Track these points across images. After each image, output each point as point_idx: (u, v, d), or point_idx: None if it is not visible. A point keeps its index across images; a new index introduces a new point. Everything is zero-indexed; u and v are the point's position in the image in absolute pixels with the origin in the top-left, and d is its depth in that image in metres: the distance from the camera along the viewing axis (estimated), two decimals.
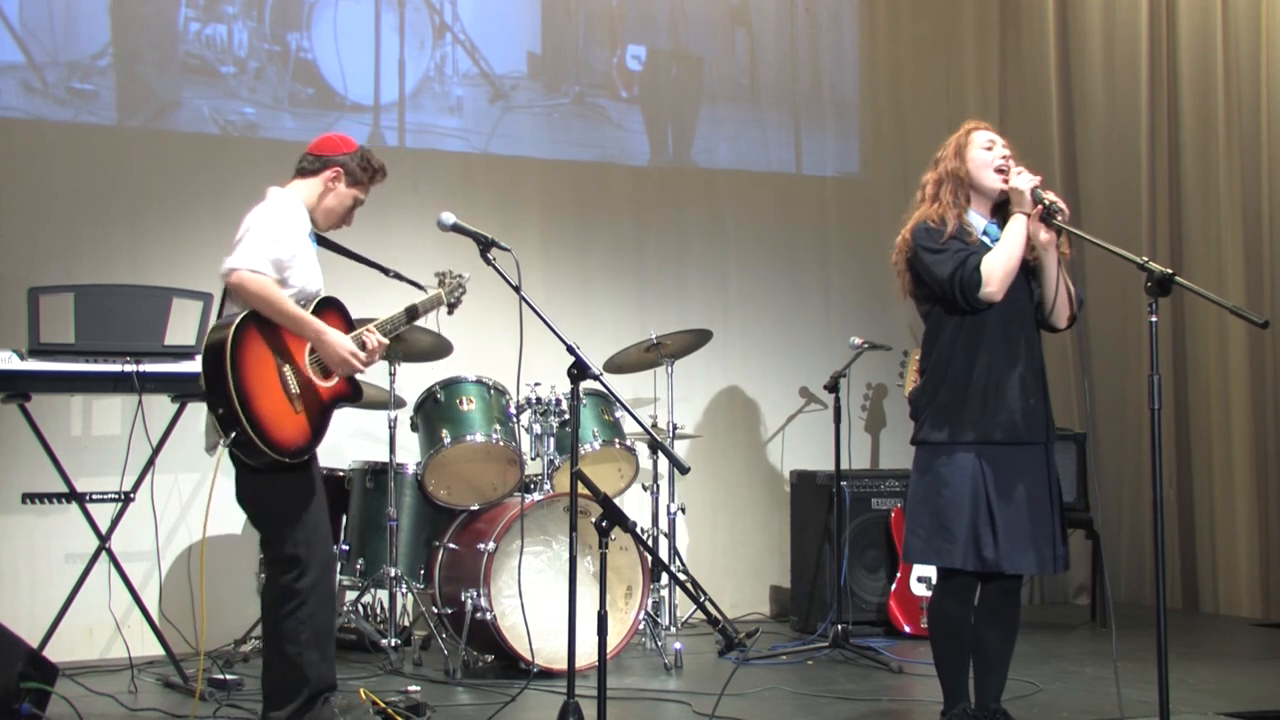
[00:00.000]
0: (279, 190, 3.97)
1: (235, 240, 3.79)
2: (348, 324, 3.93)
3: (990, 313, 3.77)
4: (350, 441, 5.99)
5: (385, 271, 4.26)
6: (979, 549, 3.72)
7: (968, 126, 3.93)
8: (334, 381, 3.87)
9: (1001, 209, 3.86)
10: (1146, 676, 3.85)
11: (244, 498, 3.84)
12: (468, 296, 4.57)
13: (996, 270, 3.72)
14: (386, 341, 3.98)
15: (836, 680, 5.05)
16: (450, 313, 4.36)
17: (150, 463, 4.96)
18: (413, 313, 4.17)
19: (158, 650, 5.02)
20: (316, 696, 3.78)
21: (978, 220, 3.87)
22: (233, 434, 3.59)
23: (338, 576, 5.38)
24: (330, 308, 3.92)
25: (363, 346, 3.89)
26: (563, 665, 3.94)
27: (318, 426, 3.80)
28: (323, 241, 4.10)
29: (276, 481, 3.75)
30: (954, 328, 3.82)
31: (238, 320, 3.69)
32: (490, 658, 5.16)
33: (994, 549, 3.71)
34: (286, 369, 3.74)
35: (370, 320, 4.06)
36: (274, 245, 3.76)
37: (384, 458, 5.35)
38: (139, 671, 4.92)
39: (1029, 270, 3.83)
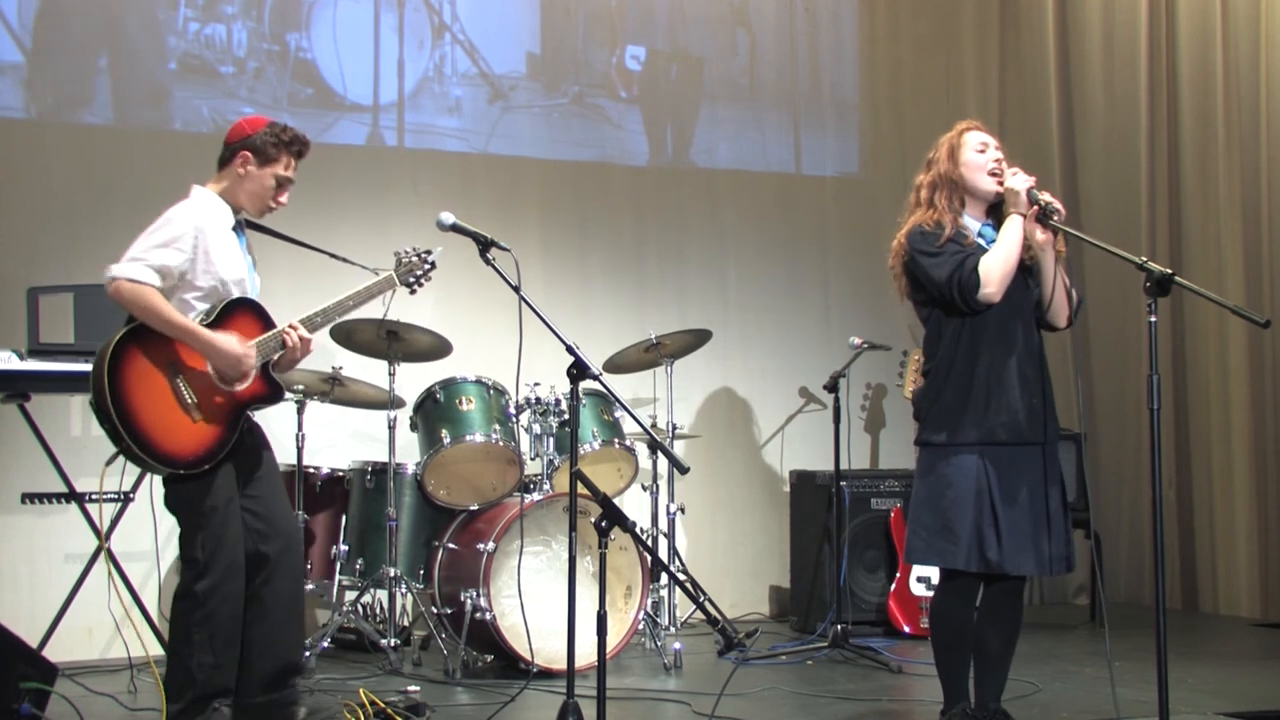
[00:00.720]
0: (199, 188, 3.90)
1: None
2: (264, 323, 3.86)
3: (990, 313, 3.77)
4: (350, 441, 6.00)
5: (333, 256, 4.16)
6: (983, 550, 3.72)
7: (960, 127, 3.92)
8: (245, 385, 3.80)
9: (996, 210, 3.86)
10: (1146, 676, 3.85)
11: (165, 498, 3.84)
12: (468, 295, 4.55)
13: (994, 271, 3.72)
14: (311, 336, 3.89)
15: (836, 680, 5.05)
16: (412, 292, 4.22)
17: None
18: (349, 303, 4.00)
19: (157, 650, 5.01)
20: (204, 700, 3.74)
21: (972, 223, 3.87)
22: (119, 449, 3.63)
23: (337, 576, 5.40)
24: (242, 309, 3.83)
25: (282, 345, 3.83)
26: (562, 665, 3.94)
27: (224, 433, 3.75)
28: (260, 229, 4.03)
29: (185, 485, 3.74)
30: (955, 329, 3.82)
31: (118, 336, 3.65)
32: (490, 658, 5.16)
33: (998, 550, 3.70)
34: (180, 379, 3.69)
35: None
36: (160, 252, 3.70)
37: (383, 458, 5.34)
38: (138, 671, 4.91)
39: (1028, 270, 3.83)
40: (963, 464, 3.76)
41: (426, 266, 4.18)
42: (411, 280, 4.16)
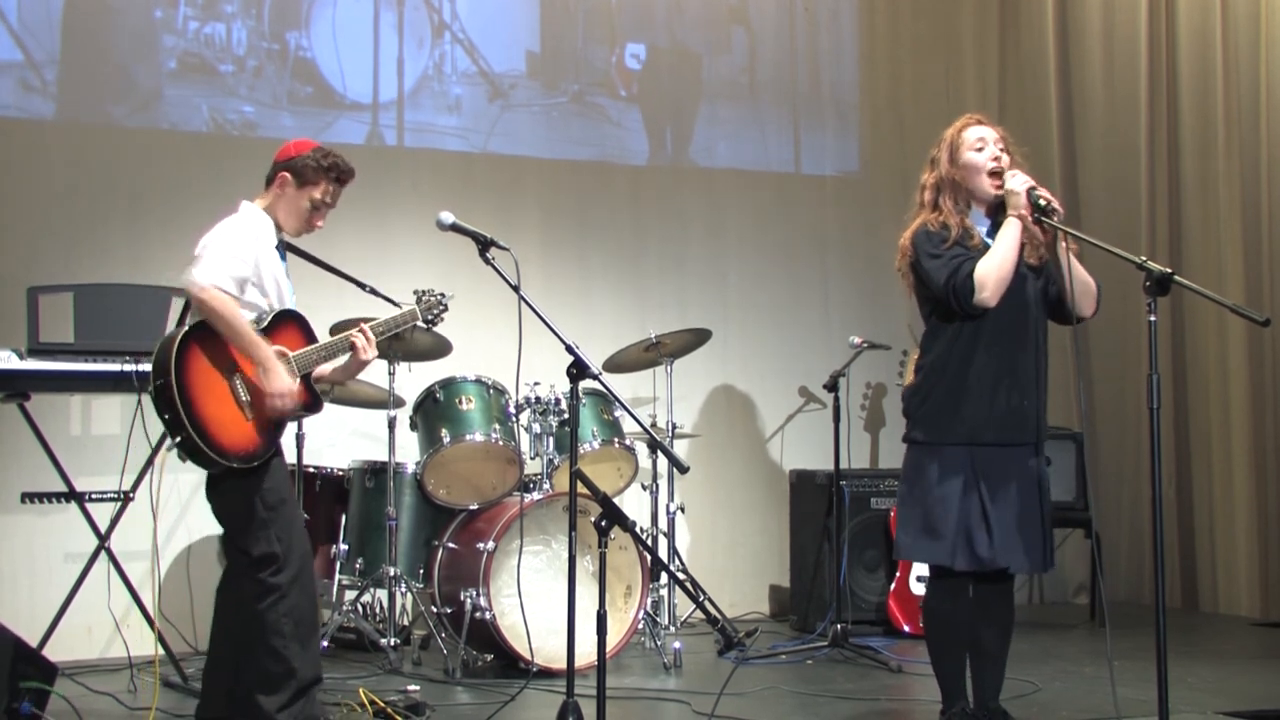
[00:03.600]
0: (248, 204, 3.98)
1: (195, 254, 3.79)
2: (307, 337, 3.94)
3: (989, 314, 3.76)
4: (350, 441, 6.00)
5: (360, 286, 4.27)
6: (973, 547, 3.72)
7: (959, 124, 3.89)
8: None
9: (1002, 208, 3.85)
10: (1146, 675, 3.85)
11: (216, 500, 3.86)
12: (467, 294, 4.57)
13: (990, 276, 3.70)
14: (328, 371, 4.01)
15: (836, 680, 5.05)
16: (429, 329, 4.39)
17: (149, 462, 4.96)
18: (379, 329, 4.11)
19: (156, 649, 5.02)
20: (305, 689, 3.80)
21: (980, 223, 3.85)
22: (177, 439, 3.66)
23: (337, 576, 5.41)
24: (288, 321, 3.90)
25: (350, 347, 3.94)
26: (562, 664, 3.94)
27: (270, 434, 3.80)
28: (296, 251, 4.10)
29: (248, 481, 3.77)
30: (953, 330, 3.82)
31: (186, 329, 3.73)
32: (490, 657, 5.16)
33: (989, 547, 3.71)
34: (237, 378, 3.75)
35: (367, 320, 4.10)
36: (237, 262, 3.78)
37: (383, 457, 5.34)
38: (138, 671, 4.91)
39: (1033, 270, 3.82)
40: (949, 462, 3.77)
41: (442, 308, 4.34)
42: (430, 317, 4.31)
